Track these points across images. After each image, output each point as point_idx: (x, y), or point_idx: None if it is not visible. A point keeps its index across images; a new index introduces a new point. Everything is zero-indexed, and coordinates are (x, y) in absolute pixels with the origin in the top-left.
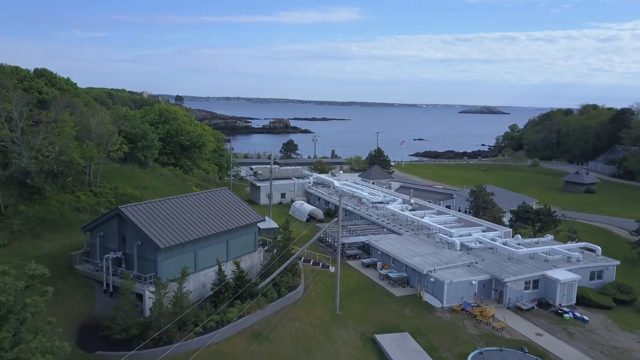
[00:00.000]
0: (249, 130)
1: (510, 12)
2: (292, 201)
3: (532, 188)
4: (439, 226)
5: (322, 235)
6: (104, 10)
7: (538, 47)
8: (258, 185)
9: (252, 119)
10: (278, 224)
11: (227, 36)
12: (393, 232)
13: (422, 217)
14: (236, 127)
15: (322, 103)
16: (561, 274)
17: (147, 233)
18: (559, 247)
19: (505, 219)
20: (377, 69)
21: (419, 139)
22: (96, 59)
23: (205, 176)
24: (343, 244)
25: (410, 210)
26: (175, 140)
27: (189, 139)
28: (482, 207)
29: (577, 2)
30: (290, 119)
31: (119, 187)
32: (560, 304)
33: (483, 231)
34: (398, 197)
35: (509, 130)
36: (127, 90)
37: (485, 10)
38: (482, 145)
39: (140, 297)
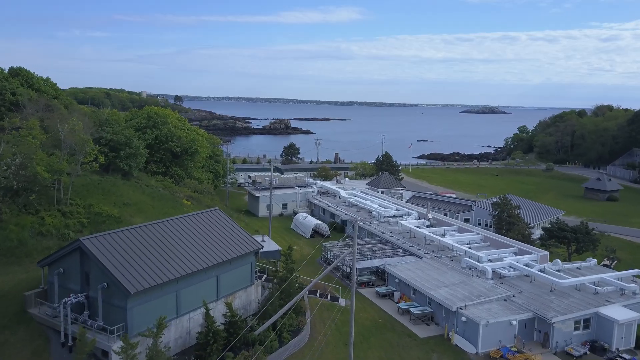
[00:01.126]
0: (249, 131)
1: (511, 12)
2: (295, 213)
3: (550, 195)
4: (465, 248)
5: (329, 257)
6: (104, 10)
7: (539, 47)
8: (257, 195)
9: (252, 119)
10: (279, 247)
11: (227, 36)
12: (410, 253)
13: (443, 236)
14: (235, 128)
15: (322, 103)
16: (618, 312)
17: (114, 273)
18: (609, 275)
19: (534, 236)
20: (377, 69)
21: (422, 140)
22: (96, 59)
23: (197, 187)
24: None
25: (427, 226)
26: (164, 146)
27: (179, 145)
28: (508, 222)
29: (578, 2)
30: (291, 119)
31: (94, 204)
32: (617, 349)
33: (515, 254)
34: (412, 209)
35: (517, 132)
36: (126, 90)
37: (486, 10)
38: (488, 146)
39: (106, 354)
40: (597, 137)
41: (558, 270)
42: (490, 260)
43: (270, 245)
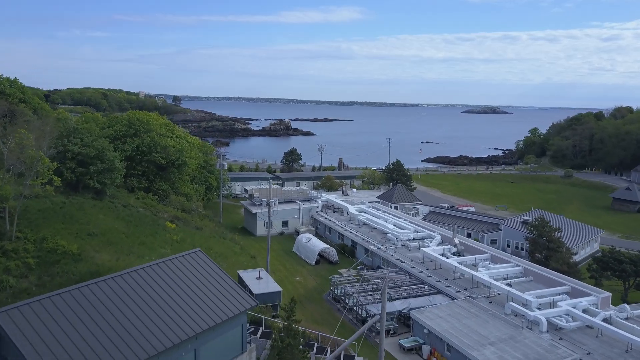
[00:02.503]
0: (248, 133)
1: (512, 12)
2: (297, 232)
3: (574, 206)
4: (505, 287)
5: (338, 294)
6: (104, 10)
7: (540, 46)
8: (254, 211)
9: (252, 119)
10: (280, 287)
11: (227, 36)
12: (438, 290)
13: (475, 266)
14: (234, 130)
15: (322, 103)
16: None
17: None
18: None
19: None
20: (378, 69)
21: (427, 142)
22: (96, 59)
23: (185, 204)
24: (373, 316)
25: (454, 253)
26: (147, 158)
27: (165, 156)
28: (547, 248)
29: (579, 2)
30: (291, 120)
31: (48, 237)
32: None
33: (567, 294)
34: (434, 230)
35: (529, 135)
36: (125, 90)
37: (486, 9)
38: (495, 148)
39: None
40: (619, 140)
41: (626, 319)
42: (540, 306)
43: (268, 284)
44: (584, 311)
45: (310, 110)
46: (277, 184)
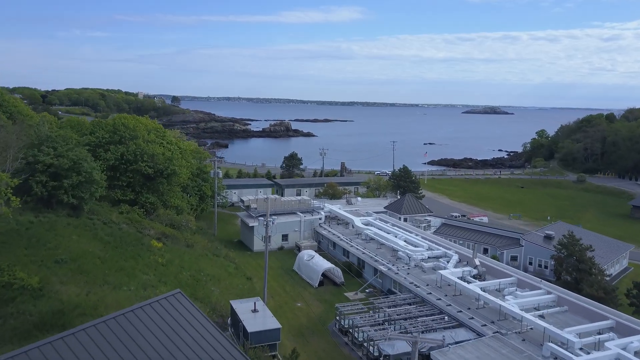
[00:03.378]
0: (248, 134)
1: (513, 12)
2: (298, 247)
3: (590, 214)
4: (542, 323)
5: (345, 325)
6: (104, 10)
7: (540, 46)
8: (251, 225)
9: (252, 120)
10: (279, 323)
11: (227, 36)
12: (459, 322)
13: (501, 294)
14: (234, 131)
15: (323, 103)
16: None
17: None
18: None
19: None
20: (378, 69)
21: (429, 143)
22: (96, 59)
23: (175, 219)
24: (387, 357)
25: (474, 276)
26: (132, 167)
27: (152, 165)
28: (578, 270)
29: (580, 1)
30: (291, 120)
31: (5, 267)
32: None
33: (611, 329)
34: (450, 248)
35: (536, 137)
36: (124, 90)
37: (487, 9)
38: (499, 150)
39: None
40: (632, 143)
41: None
42: (584, 347)
43: (265, 319)
44: (636, 354)
45: (311, 111)
46: (277, 191)
